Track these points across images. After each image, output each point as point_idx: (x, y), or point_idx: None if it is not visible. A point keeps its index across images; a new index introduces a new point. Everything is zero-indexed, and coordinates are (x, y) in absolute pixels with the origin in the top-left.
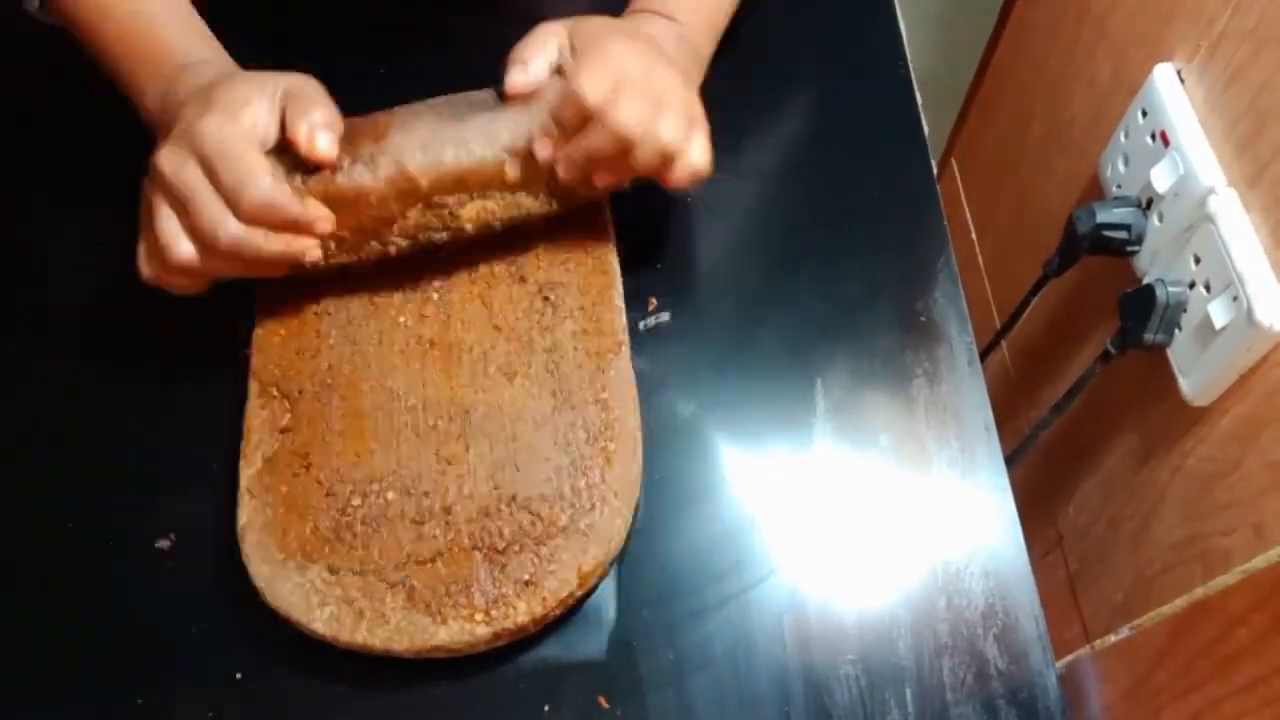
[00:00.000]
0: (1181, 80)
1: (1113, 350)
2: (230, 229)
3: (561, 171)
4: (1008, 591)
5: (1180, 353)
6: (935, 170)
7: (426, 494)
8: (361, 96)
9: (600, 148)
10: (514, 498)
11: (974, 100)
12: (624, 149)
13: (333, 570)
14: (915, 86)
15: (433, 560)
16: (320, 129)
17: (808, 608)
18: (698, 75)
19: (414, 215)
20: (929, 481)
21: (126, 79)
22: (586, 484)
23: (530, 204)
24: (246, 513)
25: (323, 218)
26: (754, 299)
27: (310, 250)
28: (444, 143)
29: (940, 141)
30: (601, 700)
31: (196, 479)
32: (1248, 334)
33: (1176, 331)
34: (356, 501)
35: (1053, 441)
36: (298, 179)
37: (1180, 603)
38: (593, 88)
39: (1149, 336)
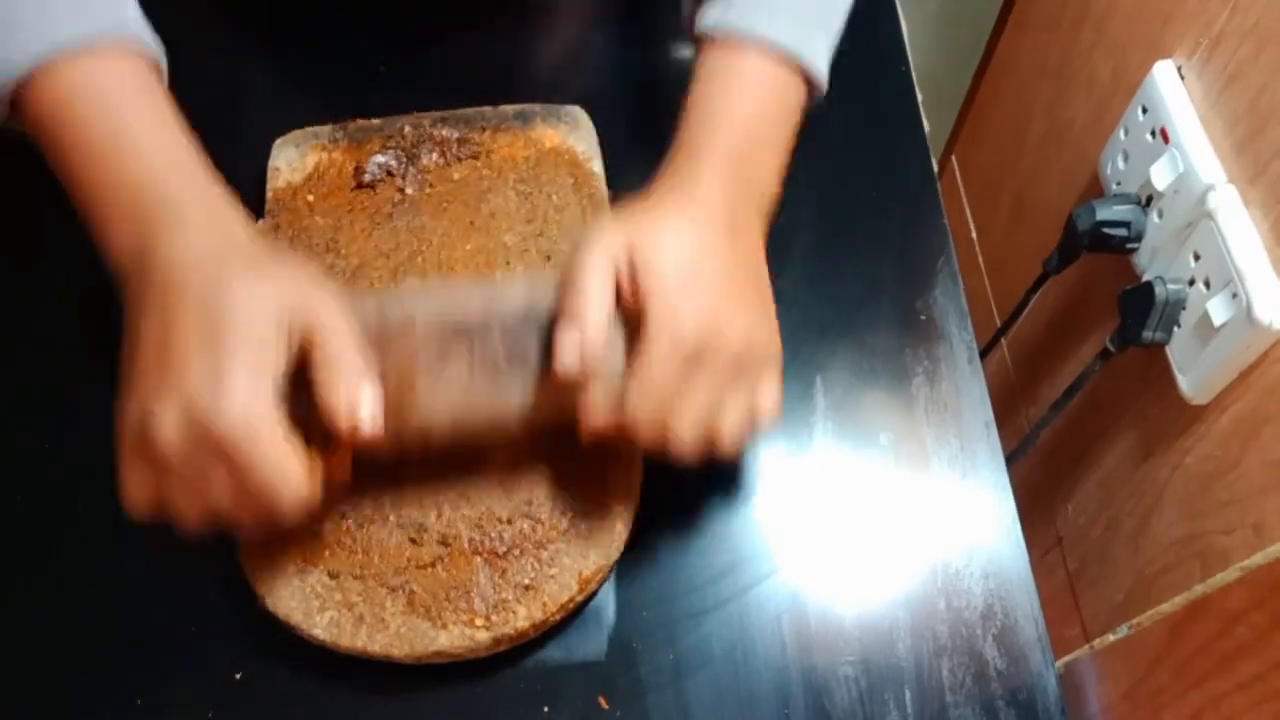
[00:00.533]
0: (1181, 77)
1: (1112, 348)
2: (250, 528)
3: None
4: (1007, 592)
5: (1179, 350)
6: (936, 169)
7: (428, 499)
8: (361, 96)
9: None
10: (514, 502)
11: (974, 99)
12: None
13: (333, 575)
14: (915, 86)
15: (433, 565)
16: (367, 417)
17: (807, 608)
18: (764, 221)
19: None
20: (929, 480)
21: (94, 218)
22: (587, 488)
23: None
24: None
25: (341, 486)
26: None
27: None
28: (477, 415)
29: (940, 140)
30: (601, 701)
31: None
32: (1247, 331)
33: (1176, 329)
34: (358, 506)
35: (1052, 440)
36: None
37: (1179, 601)
38: (654, 407)
39: (1148, 334)
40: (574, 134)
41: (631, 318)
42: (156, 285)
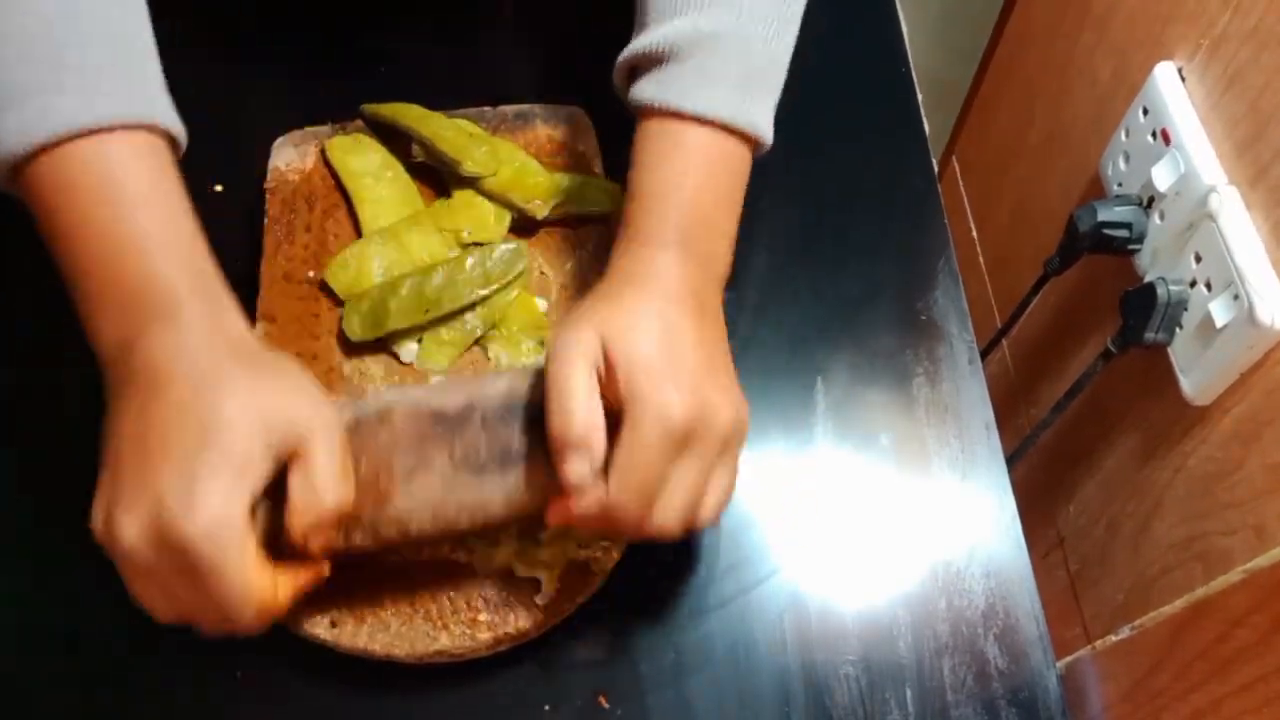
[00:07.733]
0: (1183, 79)
1: (1114, 349)
2: (212, 630)
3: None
4: (1008, 591)
5: (1181, 351)
6: (936, 169)
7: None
8: (361, 96)
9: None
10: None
11: (975, 99)
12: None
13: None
14: (915, 86)
15: (434, 565)
16: (316, 533)
17: (808, 607)
18: (722, 294)
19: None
20: (929, 481)
21: (83, 301)
22: None
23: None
24: None
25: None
26: (755, 298)
27: None
28: (459, 509)
29: (941, 141)
30: (602, 700)
31: None
32: (1249, 332)
33: (1177, 330)
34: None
35: (1053, 441)
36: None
37: (1181, 603)
38: (640, 497)
39: (1150, 335)
40: (574, 134)
41: (609, 409)
42: (142, 381)
